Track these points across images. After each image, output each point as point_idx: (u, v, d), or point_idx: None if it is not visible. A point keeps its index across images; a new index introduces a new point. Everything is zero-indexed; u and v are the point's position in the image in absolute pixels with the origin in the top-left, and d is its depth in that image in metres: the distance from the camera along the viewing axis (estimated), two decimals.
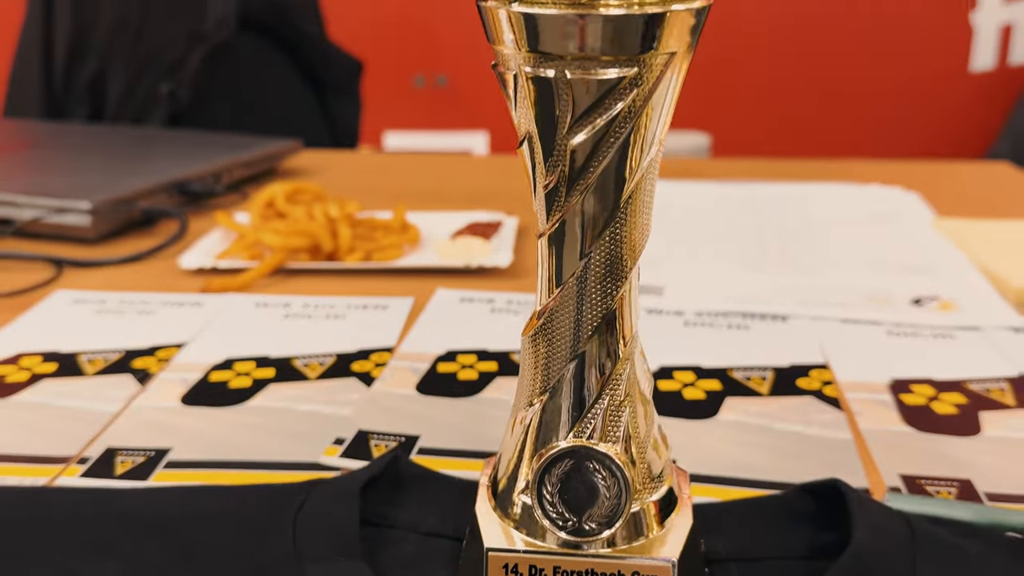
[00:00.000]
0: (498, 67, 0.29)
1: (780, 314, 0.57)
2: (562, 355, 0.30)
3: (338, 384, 0.48)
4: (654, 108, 0.28)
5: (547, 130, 0.28)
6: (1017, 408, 0.45)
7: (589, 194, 0.29)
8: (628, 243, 0.30)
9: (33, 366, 0.50)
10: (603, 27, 0.26)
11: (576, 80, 0.27)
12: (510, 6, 0.26)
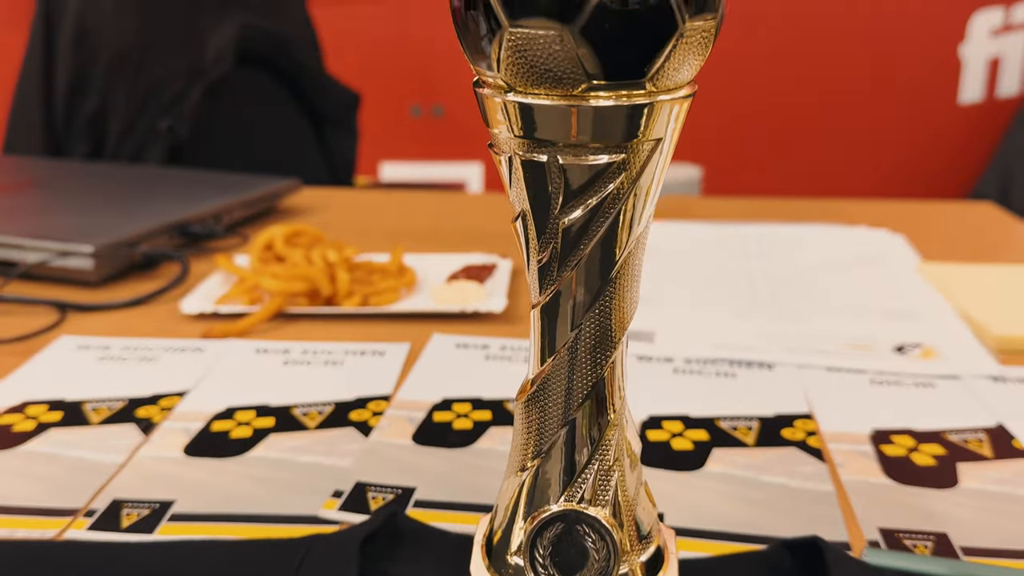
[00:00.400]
0: (494, 148, 0.30)
1: (767, 362, 0.58)
2: (554, 422, 0.32)
3: (337, 434, 0.49)
4: (641, 189, 0.30)
5: (540, 209, 0.30)
6: (994, 460, 0.47)
7: (580, 269, 0.30)
8: (617, 315, 0.31)
9: (39, 415, 0.51)
10: (593, 117, 0.27)
11: (568, 165, 0.28)
12: (506, 95, 0.28)
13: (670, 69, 0.27)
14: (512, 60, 0.27)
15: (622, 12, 0.25)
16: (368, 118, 1.82)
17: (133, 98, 1.39)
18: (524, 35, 0.25)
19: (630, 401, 0.33)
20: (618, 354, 0.32)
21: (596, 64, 0.26)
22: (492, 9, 0.26)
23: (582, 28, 0.25)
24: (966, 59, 2.63)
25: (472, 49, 0.28)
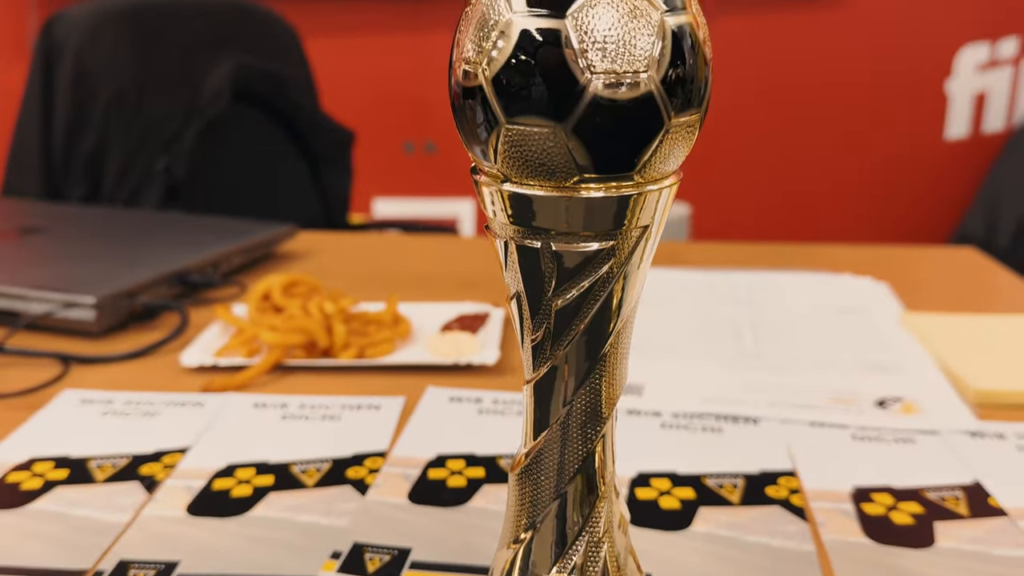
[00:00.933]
0: (490, 230, 0.32)
1: (752, 416, 0.60)
2: (546, 495, 0.33)
3: (334, 492, 0.50)
4: (631, 272, 0.32)
5: (534, 291, 0.31)
6: (969, 519, 0.49)
7: (572, 348, 0.32)
8: (607, 391, 0.33)
9: (46, 472, 0.53)
10: (585, 208, 0.29)
11: (560, 251, 0.30)
12: (502, 185, 0.30)
13: (657, 162, 0.29)
14: (508, 153, 0.28)
15: (611, 111, 0.27)
16: (361, 154, 1.85)
17: (131, 138, 1.41)
18: (520, 131, 0.27)
19: (619, 457, 0.35)
20: (608, 428, 0.34)
21: (587, 159, 0.28)
22: (490, 106, 0.28)
23: (574, 126, 0.27)
24: (952, 95, 2.68)
25: (470, 139, 0.30)
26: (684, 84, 0.28)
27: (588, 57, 0.26)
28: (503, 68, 0.27)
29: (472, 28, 0.28)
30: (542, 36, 0.26)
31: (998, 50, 2.63)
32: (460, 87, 0.29)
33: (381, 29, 2.63)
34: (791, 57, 2.64)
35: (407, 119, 2.71)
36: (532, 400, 0.33)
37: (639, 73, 0.26)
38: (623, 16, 0.26)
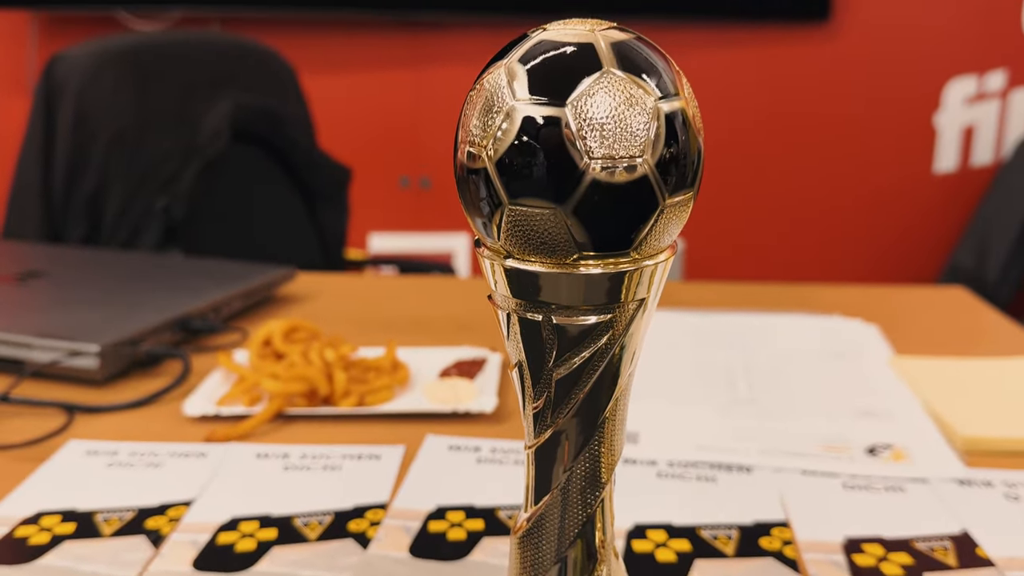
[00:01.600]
0: (493, 301, 0.33)
1: (745, 465, 0.62)
2: (547, 559, 0.35)
3: (336, 546, 0.51)
4: (628, 343, 0.33)
5: (535, 361, 0.33)
6: (958, 569, 0.50)
7: (571, 416, 0.33)
8: (606, 457, 0.34)
9: (53, 526, 0.53)
10: (584, 284, 0.31)
11: (561, 324, 0.31)
12: (504, 261, 0.31)
13: (652, 239, 0.30)
14: (510, 231, 0.30)
15: (609, 193, 0.28)
16: (357, 189, 1.86)
17: (131, 178, 1.43)
18: (522, 212, 0.29)
19: (616, 508, 0.36)
20: (607, 492, 0.35)
21: (586, 237, 0.29)
22: (493, 186, 0.29)
23: (574, 208, 0.28)
24: (941, 128, 2.71)
25: (473, 215, 0.31)
26: (677, 167, 0.29)
27: (587, 143, 0.27)
28: (506, 152, 0.28)
29: (477, 112, 0.29)
30: (544, 123, 0.28)
31: (985, 83, 2.66)
32: (465, 167, 0.30)
33: (377, 65, 2.66)
34: (782, 91, 2.67)
35: (402, 154, 2.74)
36: (533, 465, 0.35)
37: (635, 158, 0.27)
38: (620, 104, 0.27)
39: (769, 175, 2.72)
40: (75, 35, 2.61)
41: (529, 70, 0.28)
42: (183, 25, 2.57)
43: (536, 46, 0.29)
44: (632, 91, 0.28)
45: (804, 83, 2.66)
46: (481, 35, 2.62)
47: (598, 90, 0.27)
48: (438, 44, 2.64)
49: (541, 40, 0.29)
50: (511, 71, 0.28)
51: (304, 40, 2.58)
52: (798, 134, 2.69)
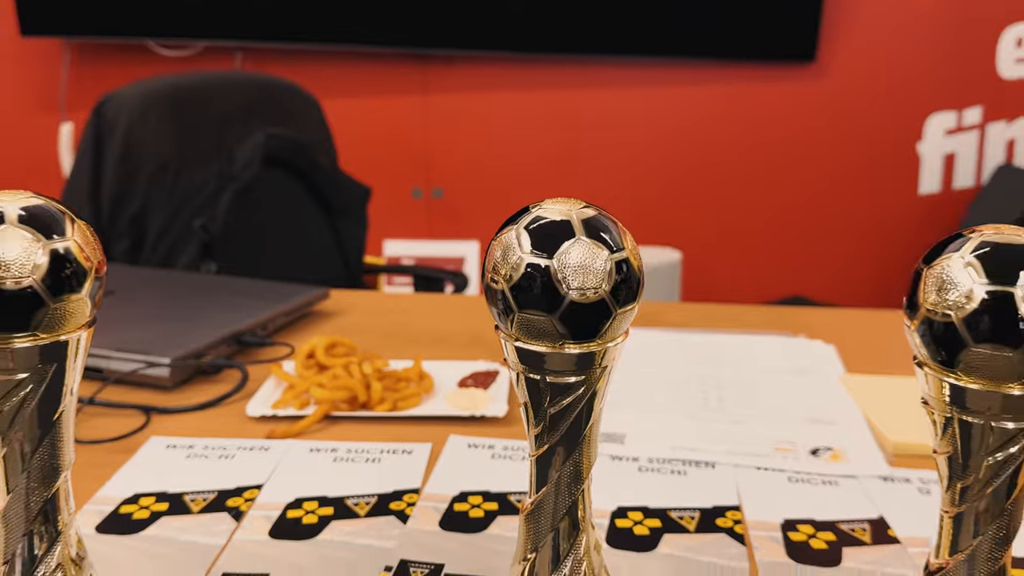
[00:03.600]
0: (507, 363, 0.46)
1: (710, 462, 0.74)
2: (544, 529, 0.47)
3: (381, 521, 0.64)
4: (598, 391, 0.46)
5: (535, 402, 0.45)
6: (871, 545, 0.63)
7: (560, 437, 0.46)
8: (585, 462, 0.47)
9: (150, 505, 0.66)
10: (567, 358, 0.44)
11: (552, 382, 0.44)
12: (515, 343, 0.44)
13: (610, 333, 0.43)
14: (519, 327, 0.43)
15: (581, 308, 0.42)
16: (373, 199, 1.99)
17: (171, 203, 1.56)
18: (526, 317, 0.42)
19: (606, 494, 0.49)
20: (586, 484, 0.48)
21: (568, 332, 0.42)
22: (509, 302, 0.42)
23: (559, 316, 0.41)
24: (924, 155, 2.84)
25: (496, 314, 0.44)
26: (624, 291, 0.43)
27: (567, 279, 0.41)
28: (517, 281, 0.42)
29: (499, 253, 0.42)
30: (540, 267, 0.41)
31: (964, 117, 2.79)
32: (489, 286, 0.43)
33: (390, 91, 2.79)
34: (776, 123, 2.80)
35: (415, 168, 2.87)
36: (534, 467, 0.47)
37: (596, 288, 0.41)
38: (586, 256, 0.41)
39: (764, 198, 2.85)
40: (105, 61, 2.75)
41: (530, 232, 0.42)
42: (207, 54, 2.71)
43: (535, 218, 0.42)
44: (594, 249, 0.41)
45: (795, 116, 2.79)
46: (482, 66, 2.76)
47: (572, 249, 0.41)
48: (445, 73, 2.77)
49: (538, 215, 0.42)
50: (519, 233, 0.42)
51: (321, 69, 2.72)
52: (793, 159, 2.82)
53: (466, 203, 2.87)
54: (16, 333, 0.41)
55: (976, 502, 0.41)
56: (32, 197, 0.43)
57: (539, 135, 2.83)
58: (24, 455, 0.44)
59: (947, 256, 0.40)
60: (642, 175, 2.83)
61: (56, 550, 0.45)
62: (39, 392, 0.43)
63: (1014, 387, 0.38)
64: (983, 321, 0.38)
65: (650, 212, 2.83)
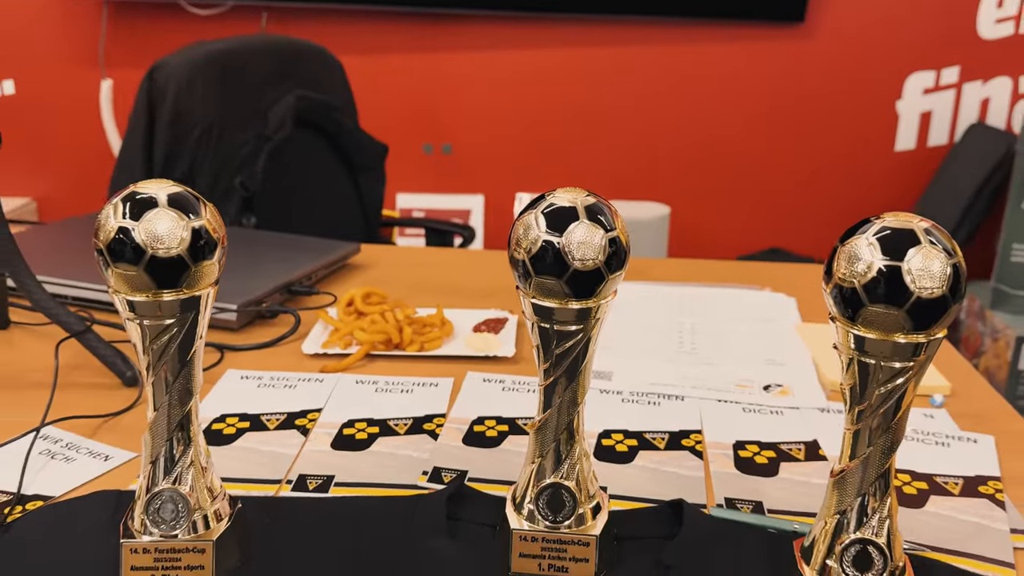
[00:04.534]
0: (524, 315, 0.60)
1: (680, 395, 0.89)
2: (548, 440, 0.62)
3: (417, 438, 0.79)
4: (593, 337, 0.59)
5: (545, 345, 0.59)
6: (804, 461, 0.77)
7: (563, 371, 0.60)
8: (581, 390, 0.61)
9: (235, 423, 0.81)
10: (571, 312, 0.57)
11: (559, 329, 0.58)
12: (531, 300, 0.57)
13: (603, 292, 0.57)
14: (535, 288, 0.56)
15: (582, 275, 0.55)
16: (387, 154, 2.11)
17: (215, 162, 1.69)
18: (540, 281, 0.55)
19: (595, 420, 0.63)
20: (581, 407, 0.62)
21: (571, 292, 0.56)
22: (528, 269, 0.56)
23: (565, 281, 0.55)
24: (902, 113, 2.95)
25: (517, 274, 0.58)
26: (615, 261, 0.56)
27: (571, 253, 0.54)
28: (535, 255, 0.55)
29: (521, 231, 0.56)
30: (552, 243, 0.54)
31: (942, 77, 2.89)
32: (513, 257, 0.57)
33: (403, 49, 2.89)
34: (763, 81, 2.90)
35: (426, 125, 2.98)
36: (542, 394, 0.61)
37: (594, 259, 0.54)
38: (586, 233, 0.54)
39: (749, 155, 2.96)
40: (140, 18, 2.84)
41: (545, 216, 0.55)
42: (235, 13, 2.80)
43: (548, 204, 0.55)
44: (593, 229, 0.54)
45: (783, 75, 2.89)
46: (490, 25, 2.85)
47: (577, 229, 0.54)
48: (455, 32, 2.87)
49: (551, 201, 0.55)
50: (536, 216, 0.55)
51: (340, 28, 2.81)
52: (776, 118, 2.92)
53: (473, 159, 2.99)
54: (166, 290, 0.55)
55: (870, 421, 0.55)
56: (173, 186, 0.56)
57: (541, 93, 2.93)
58: (167, 382, 0.58)
59: (857, 236, 0.53)
60: (636, 132, 2.95)
61: (189, 452, 0.60)
62: (180, 335, 0.57)
63: (899, 337, 0.52)
64: (878, 287, 0.51)
65: (642, 168, 2.95)
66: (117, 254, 0.54)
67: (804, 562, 0.57)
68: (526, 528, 0.60)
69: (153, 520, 0.58)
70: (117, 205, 0.55)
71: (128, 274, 0.54)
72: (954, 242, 0.52)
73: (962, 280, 0.51)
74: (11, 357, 0.96)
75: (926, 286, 0.50)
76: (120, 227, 0.54)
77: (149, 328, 0.56)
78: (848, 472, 0.56)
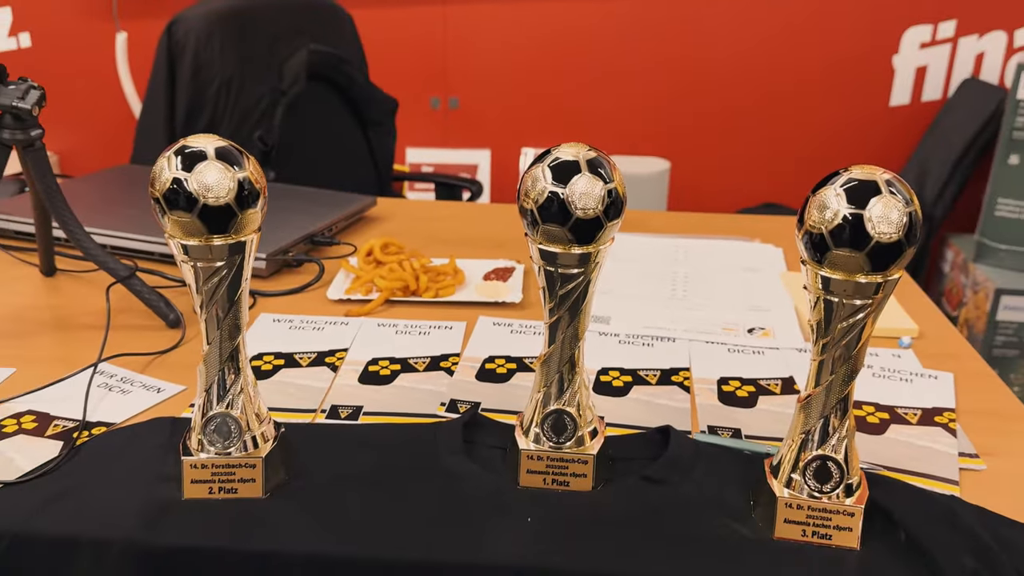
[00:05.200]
0: (532, 260, 0.67)
1: (671, 337, 0.97)
2: (552, 373, 0.70)
3: (435, 374, 0.87)
4: (592, 280, 0.67)
5: (550, 286, 0.67)
6: (779, 395, 0.86)
7: (566, 311, 0.68)
8: (581, 327, 0.69)
9: (272, 361, 0.89)
10: (574, 256, 0.64)
11: (562, 272, 0.66)
12: (538, 246, 0.65)
13: (602, 238, 0.64)
14: (541, 235, 0.64)
15: (583, 223, 0.62)
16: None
17: (235, 115, 1.75)
18: (546, 228, 0.63)
19: (594, 359, 0.71)
20: (581, 343, 0.70)
21: (573, 238, 0.63)
22: (535, 217, 0.63)
23: (568, 228, 0.62)
24: (897, 68, 2.98)
25: (525, 222, 0.65)
26: (612, 210, 0.63)
27: (574, 202, 0.61)
28: (541, 204, 0.62)
29: (530, 183, 0.63)
30: (557, 193, 0.62)
31: (939, 31, 2.92)
32: (522, 207, 0.64)
33: (410, 1, 2.92)
34: (760, 34, 2.93)
35: (433, 78, 3.02)
36: (547, 331, 0.69)
37: (595, 208, 0.62)
38: (587, 185, 0.62)
39: (747, 110, 3.00)
40: None
41: (551, 169, 0.62)
42: None
43: (554, 158, 0.62)
44: (593, 181, 0.62)
45: (782, 29, 2.92)
46: None
47: (579, 181, 0.61)
48: None
49: (556, 156, 0.62)
50: (543, 169, 0.62)
51: None
52: (774, 71, 2.96)
53: (480, 113, 3.04)
54: (216, 235, 0.63)
55: (833, 352, 0.63)
56: (219, 140, 0.63)
57: (546, 48, 2.97)
58: (219, 318, 0.66)
59: (826, 187, 0.60)
60: (639, 89, 2.99)
61: (239, 381, 0.68)
62: (229, 276, 0.65)
63: (860, 277, 0.59)
64: (843, 233, 0.58)
65: (644, 124, 3.00)
66: (172, 202, 0.61)
67: (773, 476, 0.66)
68: (533, 448, 0.69)
69: (210, 440, 0.67)
70: (170, 158, 0.62)
71: (183, 220, 0.62)
72: (912, 192, 0.59)
73: (916, 227, 0.58)
74: (59, 302, 1.04)
75: (884, 231, 0.57)
76: (174, 178, 0.61)
77: (202, 270, 0.64)
78: (813, 397, 0.64)
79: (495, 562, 0.62)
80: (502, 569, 0.61)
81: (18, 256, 1.15)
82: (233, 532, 0.63)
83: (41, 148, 0.95)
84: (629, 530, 0.64)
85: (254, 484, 0.67)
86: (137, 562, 0.62)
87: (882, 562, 0.62)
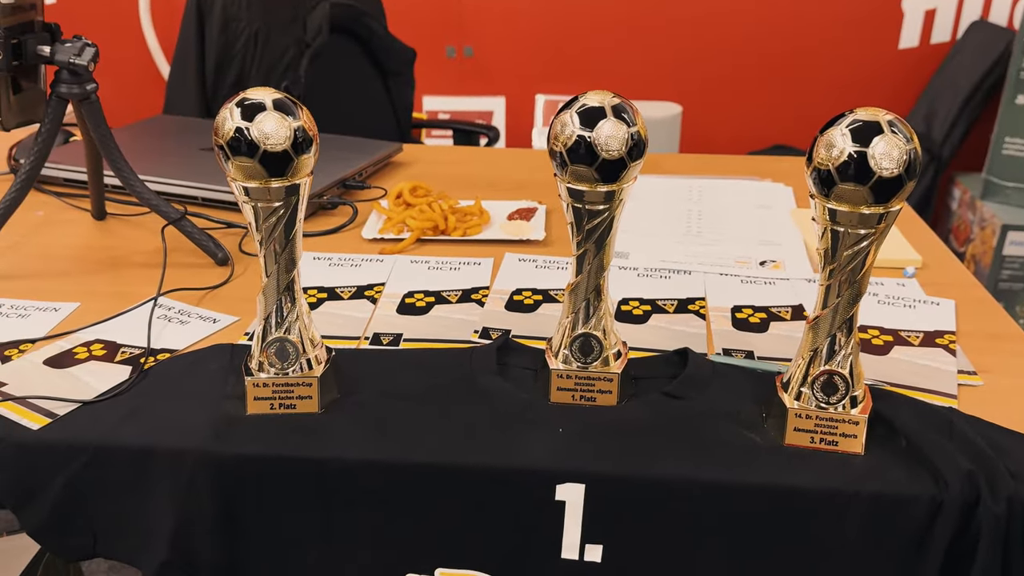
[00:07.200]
0: (561, 198, 0.72)
1: (687, 270, 1.02)
2: (580, 299, 0.74)
3: (467, 306, 0.92)
4: (616, 216, 0.71)
5: (578, 221, 0.71)
6: (790, 320, 0.90)
7: (592, 243, 0.72)
8: (606, 258, 0.73)
9: (315, 294, 0.94)
10: (600, 194, 0.69)
11: (589, 208, 0.70)
12: (567, 184, 0.69)
13: (626, 177, 0.69)
14: (570, 175, 0.68)
15: (609, 163, 0.67)
16: None
17: (262, 67, 1.79)
18: (575, 169, 0.67)
19: (615, 291, 0.76)
20: (606, 273, 0.74)
21: (600, 177, 0.67)
22: (564, 159, 0.67)
23: (595, 168, 0.67)
24: (907, 10, 2.97)
25: (555, 163, 0.69)
26: (635, 152, 0.67)
27: (600, 144, 0.66)
28: (570, 147, 0.67)
29: (559, 127, 0.67)
30: (584, 137, 0.66)
31: None
32: (552, 149, 0.68)
33: None
34: None
35: (448, 27, 3.03)
36: (575, 263, 0.74)
37: (619, 150, 0.66)
38: (612, 130, 0.66)
39: (756, 55, 3.00)
40: None
41: (579, 114, 0.66)
42: None
43: (581, 104, 0.66)
44: (618, 125, 0.66)
45: None
46: None
47: (605, 125, 0.65)
48: None
49: (584, 102, 0.66)
50: (571, 115, 0.66)
51: None
52: (784, 18, 2.96)
53: (495, 61, 3.05)
54: (275, 178, 0.67)
55: (839, 277, 0.67)
56: (275, 93, 0.68)
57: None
58: (276, 253, 0.71)
59: (833, 127, 0.64)
60: (650, 34, 2.99)
61: (295, 309, 0.73)
62: (286, 215, 0.70)
63: (864, 208, 0.64)
64: (849, 169, 0.63)
65: (656, 69, 3.01)
66: (235, 149, 0.66)
67: (783, 391, 0.71)
68: (562, 367, 0.74)
69: (270, 362, 0.72)
70: (232, 109, 0.67)
71: (245, 165, 0.67)
72: (913, 132, 0.63)
73: (916, 163, 0.62)
74: (113, 243, 1.09)
75: (886, 167, 0.62)
76: (237, 127, 0.66)
77: (261, 209, 0.69)
78: (821, 318, 0.69)
79: (530, 466, 0.67)
80: (537, 472, 0.67)
81: (69, 202, 1.20)
82: (294, 442, 0.69)
83: (96, 101, 1.00)
84: (652, 438, 0.70)
85: (311, 400, 0.73)
86: (210, 468, 0.68)
87: (885, 465, 0.67)
